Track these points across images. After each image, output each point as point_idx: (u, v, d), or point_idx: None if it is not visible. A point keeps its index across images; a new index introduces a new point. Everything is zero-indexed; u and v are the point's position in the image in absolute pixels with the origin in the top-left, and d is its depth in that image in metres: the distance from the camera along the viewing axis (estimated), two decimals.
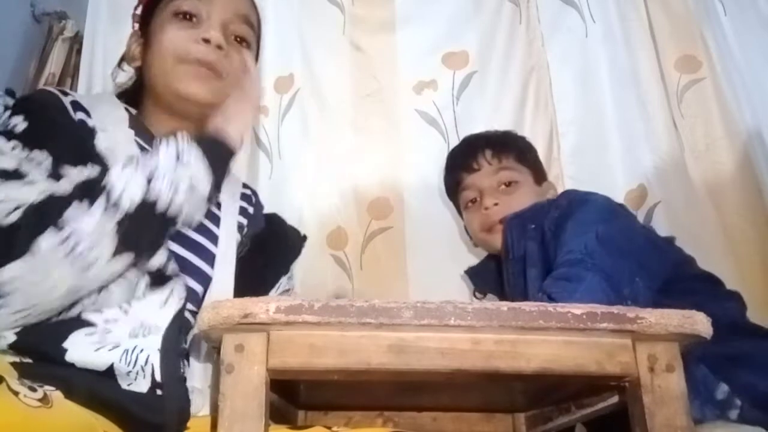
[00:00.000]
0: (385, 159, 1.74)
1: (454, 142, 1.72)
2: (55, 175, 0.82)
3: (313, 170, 1.73)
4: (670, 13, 1.74)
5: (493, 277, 1.44)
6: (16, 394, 0.62)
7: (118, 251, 0.79)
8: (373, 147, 1.75)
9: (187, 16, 1.03)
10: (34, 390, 0.65)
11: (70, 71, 1.85)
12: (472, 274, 1.50)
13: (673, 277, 1.15)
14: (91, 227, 0.77)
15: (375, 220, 1.68)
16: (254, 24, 1.09)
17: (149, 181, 0.81)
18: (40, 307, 0.78)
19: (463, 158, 1.43)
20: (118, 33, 1.79)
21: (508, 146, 1.41)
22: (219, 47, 1.01)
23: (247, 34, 1.07)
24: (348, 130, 1.77)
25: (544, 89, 1.76)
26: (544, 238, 1.21)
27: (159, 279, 0.87)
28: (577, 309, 0.70)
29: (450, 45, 1.80)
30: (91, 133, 0.92)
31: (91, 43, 1.83)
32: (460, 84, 1.76)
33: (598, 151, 1.67)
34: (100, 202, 0.78)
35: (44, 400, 0.65)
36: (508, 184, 1.37)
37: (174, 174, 0.82)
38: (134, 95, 1.08)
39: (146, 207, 0.81)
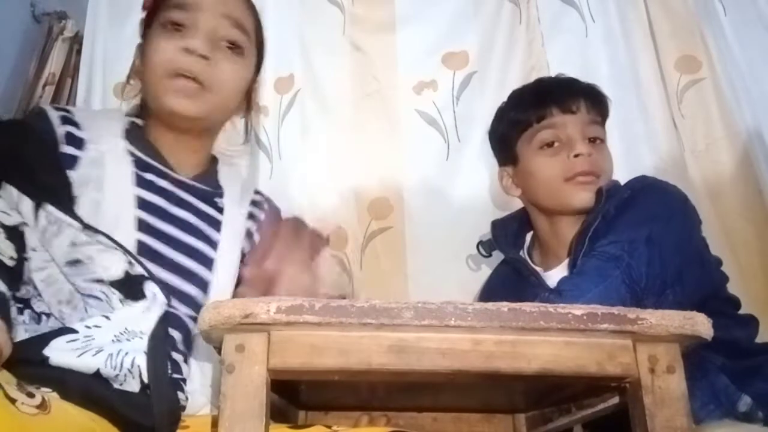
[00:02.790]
0: (385, 159, 1.73)
1: (454, 142, 1.72)
2: None
3: (313, 170, 1.73)
4: (670, 13, 1.74)
5: (509, 238, 1.36)
6: (13, 401, 0.62)
7: None
8: (373, 147, 1.75)
9: (176, 26, 1.01)
10: (32, 396, 0.65)
11: (70, 71, 1.85)
12: (493, 226, 1.40)
13: (709, 296, 1.11)
14: None
15: (375, 220, 1.68)
16: (248, 28, 1.06)
17: None
18: None
19: (560, 95, 1.26)
20: (118, 33, 1.80)
21: (602, 105, 1.29)
22: (203, 57, 0.98)
23: (239, 39, 1.03)
24: (348, 130, 1.77)
25: None
26: (606, 216, 1.15)
27: (130, 288, 0.87)
28: (578, 310, 0.70)
29: (450, 45, 1.80)
30: (80, 144, 0.96)
31: (91, 43, 1.83)
32: (460, 84, 1.76)
33: None
34: None
35: (42, 406, 0.65)
36: (595, 141, 1.25)
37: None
38: (141, 109, 1.08)
39: None
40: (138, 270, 0.87)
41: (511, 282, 1.31)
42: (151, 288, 0.87)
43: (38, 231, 0.87)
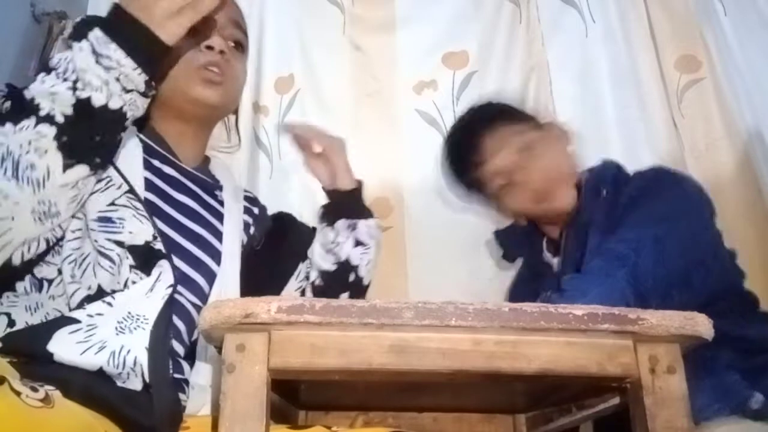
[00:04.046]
0: (385, 159, 1.74)
1: None
2: None
3: None
4: (670, 13, 1.74)
5: (521, 240, 1.38)
6: (18, 394, 0.62)
7: (67, 165, 0.80)
8: (373, 147, 1.75)
9: None
10: (35, 390, 0.65)
11: None
12: (503, 236, 1.42)
13: (719, 293, 1.10)
14: (24, 143, 0.78)
15: None
16: (245, 29, 1.14)
17: (75, 82, 0.81)
18: (13, 234, 0.80)
19: (467, 157, 1.31)
20: None
21: (497, 122, 1.31)
22: (222, 52, 1.05)
23: (241, 39, 1.12)
24: (348, 130, 1.76)
25: (544, 89, 1.76)
26: (611, 209, 1.14)
27: (144, 259, 0.87)
28: (579, 310, 0.70)
29: (450, 45, 1.80)
30: None
31: None
32: (460, 84, 1.77)
33: (598, 151, 1.67)
34: (30, 119, 0.79)
35: (46, 400, 0.65)
36: (523, 151, 1.27)
37: (98, 68, 0.81)
38: None
39: (82, 107, 0.80)
40: (159, 246, 0.89)
41: (533, 279, 1.34)
42: (161, 265, 0.88)
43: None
